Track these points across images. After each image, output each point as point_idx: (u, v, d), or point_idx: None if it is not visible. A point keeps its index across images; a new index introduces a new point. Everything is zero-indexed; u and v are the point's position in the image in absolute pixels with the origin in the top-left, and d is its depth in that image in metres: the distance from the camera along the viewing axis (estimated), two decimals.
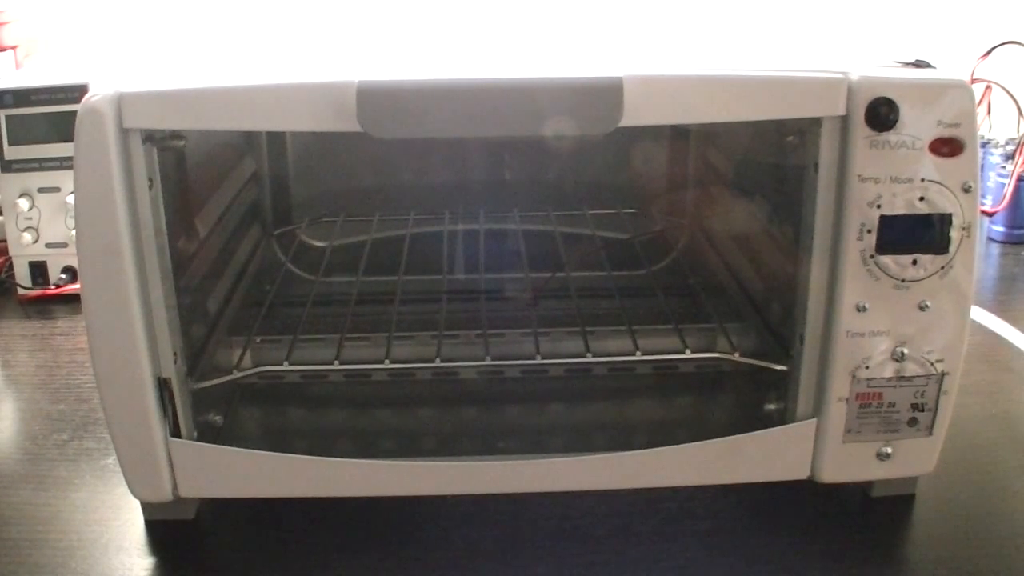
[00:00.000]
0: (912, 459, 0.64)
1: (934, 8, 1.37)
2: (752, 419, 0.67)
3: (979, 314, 0.92)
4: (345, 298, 0.82)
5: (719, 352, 0.72)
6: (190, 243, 0.69)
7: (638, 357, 0.71)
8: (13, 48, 1.24)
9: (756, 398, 0.70)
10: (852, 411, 0.62)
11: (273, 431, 0.76)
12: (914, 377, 0.62)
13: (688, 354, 0.72)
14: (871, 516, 0.67)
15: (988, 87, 1.17)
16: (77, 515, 0.67)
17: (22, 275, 1.06)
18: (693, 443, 0.63)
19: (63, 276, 1.05)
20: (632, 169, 0.99)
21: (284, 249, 0.95)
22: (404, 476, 0.63)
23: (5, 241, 1.06)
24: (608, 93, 0.55)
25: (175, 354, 0.61)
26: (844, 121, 0.57)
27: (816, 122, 0.59)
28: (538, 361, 0.72)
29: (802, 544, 0.64)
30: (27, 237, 1.04)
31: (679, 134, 0.97)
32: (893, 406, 0.62)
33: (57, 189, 1.03)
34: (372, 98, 0.54)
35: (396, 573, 0.62)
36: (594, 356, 0.72)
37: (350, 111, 0.54)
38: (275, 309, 0.83)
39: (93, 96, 0.55)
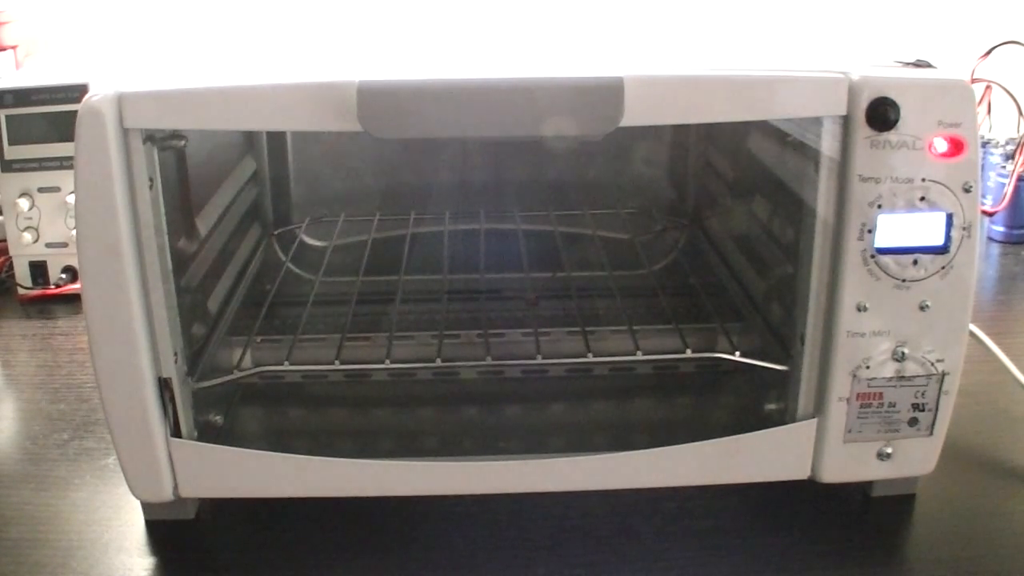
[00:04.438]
0: (912, 459, 0.64)
1: (934, 8, 1.37)
2: (752, 419, 0.67)
3: (979, 314, 0.92)
4: (345, 298, 0.82)
5: (719, 352, 0.72)
6: (190, 243, 0.69)
7: (638, 357, 0.71)
8: (13, 48, 1.24)
9: (756, 398, 0.70)
10: (852, 411, 0.62)
11: (273, 431, 0.76)
12: (914, 377, 0.62)
13: (688, 354, 0.71)
14: (871, 516, 0.67)
15: (988, 87, 1.17)
16: (77, 515, 0.67)
17: (22, 275, 1.06)
18: (693, 443, 0.63)
19: (63, 276, 1.05)
20: (632, 169, 0.99)
21: (284, 249, 0.95)
22: (404, 476, 0.63)
23: (5, 241, 1.06)
24: (608, 93, 0.55)
25: (175, 354, 0.61)
26: (845, 121, 0.57)
27: (817, 122, 0.59)
28: (538, 361, 0.72)
29: (802, 544, 0.64)
30: (27, 237, 1.04)
31: (679, 134, 0.97)
32: (893, 406, 0.62)
33: (57, 189, 1.03)
34: (372, 98, 0.54)
35: (396, 573, 0.62)
36: (594, 356, 0.72)
37: (350, 111, 0.54)
38: (275, 309, 0.83)
39: (93, 96, 0.55)
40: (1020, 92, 1.17)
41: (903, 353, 0.61)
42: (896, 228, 0.58)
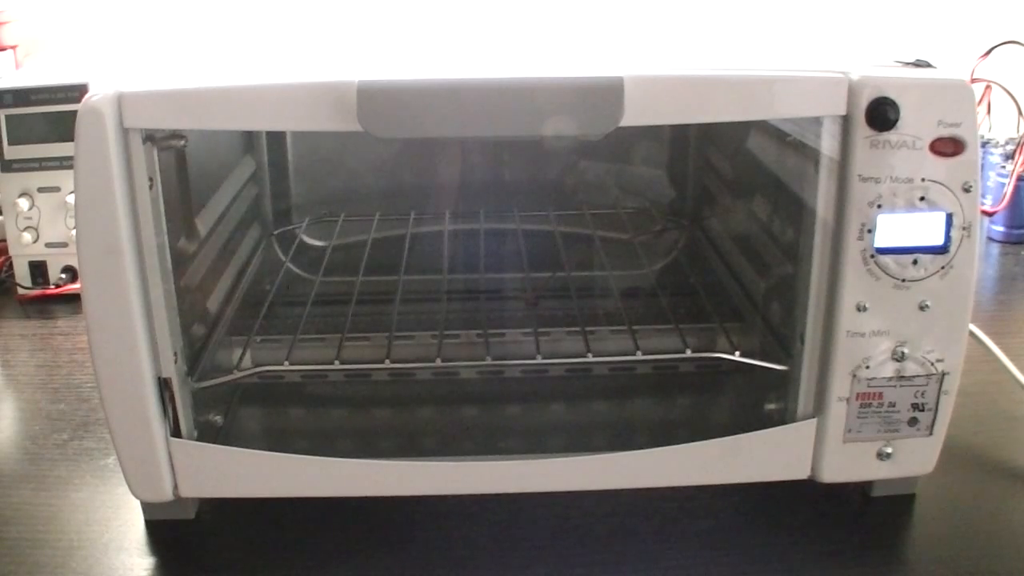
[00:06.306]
0: (912, 459, 0.64)
1: (934, 8, 1.37)
2: (752, 419, 0.67)
3: (979, 314, 0.92)
4: (345, 298, 0.82)
5: (719, 352, 0.72)
6: (190, 243, 0.69)
7: (638, 357, 0.71)
8: (13, 48, 1.24)
9: (756, 398, 0.70)
10: (852, 411, 0.62)
11: (273, 431, 0.76)
12: (914, 377, 0.62)
13: (688, 354, 0.72)
14: (871, 516, 0.67)
15: (988, 87, 1.17)
16: (77, 515, 0.67)
17: (22, 275, 1.06)
18: (693, 443, 0.63)
19: (63, 276, 1.05)
20: (632, 169, 0.99)
21: (284, 249, 0.95)
22: (404, 476, 0.63)
23: (5, 241, 1.06)
24: (608, 93, 0.55)
25: (175, 354, 0.61)
26: (845, 121, 0.57)
27: (816, 122, 0.59)
28: (538, 361, 0.72)
29: (802, 544, 0.64)
30: (27, 237, 1.04)
31: (679, 134, 0.97)
32: (893, 406, 0.62)
33: (57, 189, 1.03)
34: (372, 97, 0.54)
35: (396, 573, 0.62)
36: (594, 356, 0.72)
37: (350, 111, 0.54)
38: (275, 309, 0.83)
39: (93, 96, 0.55)
40: (1020, 92, 1.17)
41: (903, 353, 0.61)
42: (896, 228, 0.58)
